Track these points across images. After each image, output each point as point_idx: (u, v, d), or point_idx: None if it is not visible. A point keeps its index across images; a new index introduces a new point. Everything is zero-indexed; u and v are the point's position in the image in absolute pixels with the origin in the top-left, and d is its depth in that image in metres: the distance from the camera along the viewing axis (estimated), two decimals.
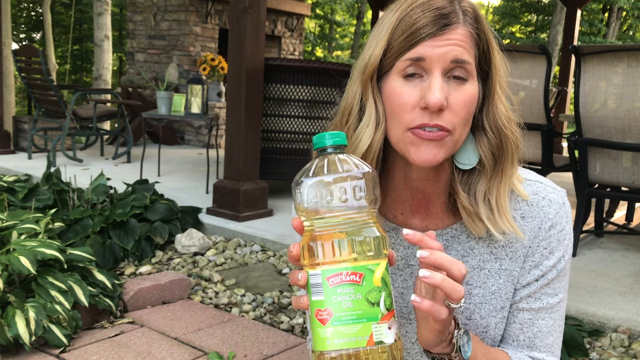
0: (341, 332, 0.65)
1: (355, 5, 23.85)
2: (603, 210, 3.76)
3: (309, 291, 0.68)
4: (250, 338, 2.20)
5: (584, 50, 2.97)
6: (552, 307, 0.89)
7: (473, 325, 0.88)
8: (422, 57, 0.77)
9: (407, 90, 0.79)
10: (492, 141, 0.83)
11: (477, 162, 0.84)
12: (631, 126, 2.84)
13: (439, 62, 0.77)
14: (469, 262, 0.89)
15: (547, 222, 0.87)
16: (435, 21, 0.77)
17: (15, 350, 1.97)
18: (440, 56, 0.77)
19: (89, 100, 5.93)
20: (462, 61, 0.78)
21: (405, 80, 0.79)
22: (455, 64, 0.78)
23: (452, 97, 0.78)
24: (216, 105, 6.77)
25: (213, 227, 3.45)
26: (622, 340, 2.19)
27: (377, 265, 0.67)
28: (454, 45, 0.77)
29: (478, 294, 0.88)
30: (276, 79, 3.99)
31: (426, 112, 0.77)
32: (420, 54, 0.77)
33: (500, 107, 0.83)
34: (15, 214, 2.64)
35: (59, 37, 19.18)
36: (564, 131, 6.81)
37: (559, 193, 0.89)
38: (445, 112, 0.77)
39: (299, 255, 0.69)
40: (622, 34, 22.84)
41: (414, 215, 0.91)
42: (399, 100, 0.79)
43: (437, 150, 0.79)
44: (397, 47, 0.79)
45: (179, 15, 7.59)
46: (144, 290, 2.45)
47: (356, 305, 0.65)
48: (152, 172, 4.85)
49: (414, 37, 0.77)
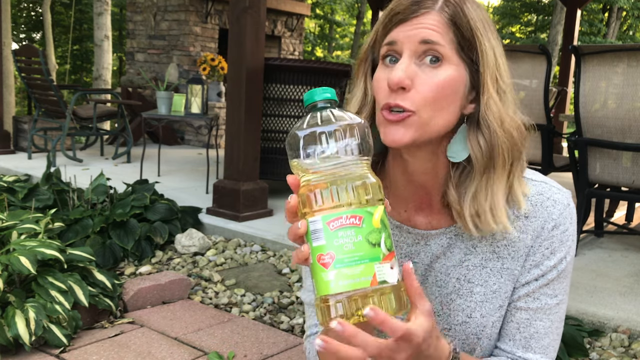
0: (344, 273, 0.65)
1: (355, 5, 23.85)
2: (603, 210, 3.76)
3: (309, 239, 0.68)
4: (250, 338, 2.20)
5: (584, 50, 2.97)
6: (551, 309, 0.89)
7: (473, 324, 0.89)
8: (393, 41, 0.81)
9: (382, 72, 0.82)
10: (482, 138, 0.81)
11: (466, 157, 0.82)
12: (631, 126, 2.84)
13: (407, 43, 0.79)
14: (471, 260, 0.89)
15: (551, 222, 0.87)
16: (408, 7, 0.81)
17: (15, 350, 1.97)
18: (409, 37, 0.79)
19: (89, 100, 5.93)
20: (430, 41, 0.78)
21: (384, 65, 0.83)
22: (425, 44, 0.79)
23: (420, 77, 0.79)
24: (216, 105, 6.77)
25: (213, 227, 3.45)
26: (622, 340, 2.19)
27: (375, 208, 0.67)
28: (422, 27, 0.79)
29: (480, 292, 0.89)
30: (276, 79, 3.99)
31: (392, 93, 0.79)
32: (392, 38, 0.81)
33: (490, 103, 0.81)
34: (15, 214, 2.64)
35: (59, 37, 19.18)
36: (564, 131, 6.81)
37: (564, 194, 0.89)
38: (412, 92, 0.78)
39: (296, 207, 0.69)
40: (622, 34, 22.84)
41: (417, 212, 0.91)
42: (376, 83, 0.83)
43: (404, 131, 0.79)
44: (380, 34, 0.84)
45: (179, 15, 7.59)
46: (144, 290, 2.45)
47: (358, 247, 0.65)
48: (152, 172, 4.85)
49: (390, 22, 0.82)
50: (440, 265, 0.90)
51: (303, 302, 1.00)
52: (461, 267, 0.89)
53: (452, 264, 0.89)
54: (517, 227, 0.87)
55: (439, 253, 0.90)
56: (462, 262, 0.89)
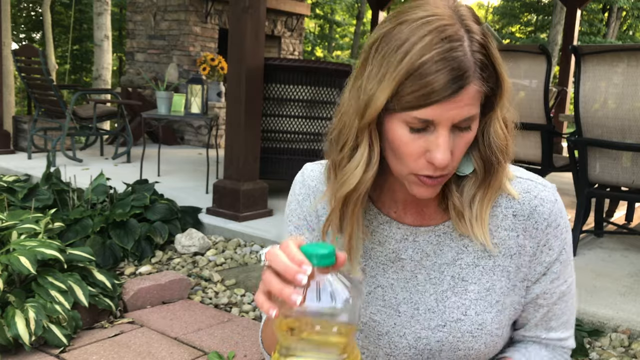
0: None
1: (355, 5, 23.87)
2: (603, 210, 3.76)
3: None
4: (250, 338, 2.20)
5: (584, 50, 2.97)
6: (565, 294, 0.94)
7: (468, 322, 0.90)
8: (429, 120, 0.76)
9: (413, 141, 0.78)
10: (483, 155, 0.85)
11: (471, 170, 0.87)
12: (631, 126, 2.84)
13: (447, 121, 0.76)
14: (464, 259, 0.91)
15: (543, 223, 0.89)
16: (451, 83, 0.73)
17: (15, 350, 1.97)
18: (449, 118, 0.76)
19: (89, 100, 5.93)
20: (469, 118, 0.77)
21: (410, 132, 0.78)
22: (463, 122, 0.77)
23: (456, 145, 0.79)
24: (216, 105, 6.76)
25: (213, 227, 3.45)
26: (622, 340, 2.19)
27: None
28: (464, 106, 0.75)
29: (474, 290, 0.90)
30: (276, 79, 3.99)
31: (431, 166, 0.79)
32: (428, 117, 0.75)
33: (496, 126, 0.83)
34: (15, 214, 2.64)
35: (59, 37, 19.18)
36: (564, 131, 6.81)
37: (550, 190, 0.91)
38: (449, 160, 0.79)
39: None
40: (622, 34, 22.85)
41: (406, 213, 0.93)
42: (404, 149, 0.79)
43: (436, 189, 0.83)
44: (405, 102, 0.75)
45: (179, 15, 7.59)
46: (144, 290, 2.45)
47: None
48: (152, 172, 4.85)
49: (427, 99, 0.74)
50: (432, 263, 0.92)
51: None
52: (454, 266, 0.91)
53: (444, 262, 0.91)
54: (506, 225, 0.90)
55: (429, 250, 0.91)
56: (455, 260, 0.91)
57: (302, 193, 0.98)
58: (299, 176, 1.00)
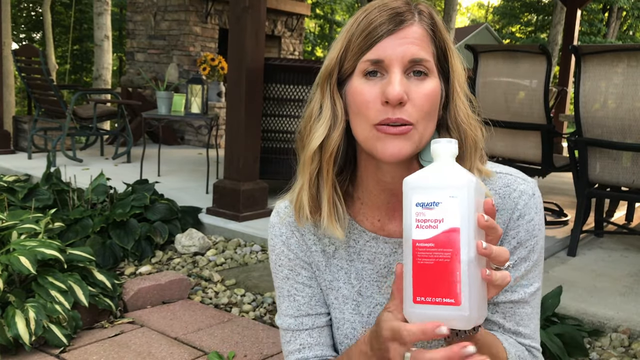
0: None
1: (355, 5, 23.84)
2: (603, 210, 3.76)
3: None
4: (250, 338, 2.20)
5: (584, 50, 2.97)
6: (531, 296, 0.91)
7: None
8: (380, 59, 0.81)
9: (368, 87, 0.82)
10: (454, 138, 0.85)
11: None
12: (631, 126, 2.84)
13: (397, 61, 0.80)
14: None
15: (516, 213, 0.88)
16: (391, 19, 0.81)
17: (15, 350, 1.97)
18: (398, 56, 0.80)
19: (89, 100, 5.93)
20: (419, 60, 0.81)
21: (366, 79, 0.82)
22: (413, 62, 0.81)
23: (413, 91, 0.81)
24: (216, 105, 6.76)
25: (213, 227, 3.45)
26: (622, 340, 2.19)
27: None
28: (410, 44, 0.80)
29: None
30: (276, 79, 3.99)
31: (388, 107, 0.80)
32: (379, 56, 0.81)
33: (460, 105, 0.85)
34: (15, 214, 2.64)
35: (59, 37, 19.19)
36: (564, 131, 6.80)
37: (529, 184, 0.90)
38: (407, 105, 0.80)
39: None
40: (622, 34, 22.85)
41: (391, 220, 0.93)
42: (360, 98, 0.82)
43: (403, 144, 0.81)
44: (356, 47, 0.82)
45: (179, 15, 7.59)
46: (144, 290, 2.45)
47: None
48: (152, 172, 4.85)
49: (372, 35, 0.81)
50: None
51: (280, 328, 1.01)
52: None
53: None
54: None
55: None
56: None
57: (284, 232, 0.97)
58: (275, 217, 0.99)
